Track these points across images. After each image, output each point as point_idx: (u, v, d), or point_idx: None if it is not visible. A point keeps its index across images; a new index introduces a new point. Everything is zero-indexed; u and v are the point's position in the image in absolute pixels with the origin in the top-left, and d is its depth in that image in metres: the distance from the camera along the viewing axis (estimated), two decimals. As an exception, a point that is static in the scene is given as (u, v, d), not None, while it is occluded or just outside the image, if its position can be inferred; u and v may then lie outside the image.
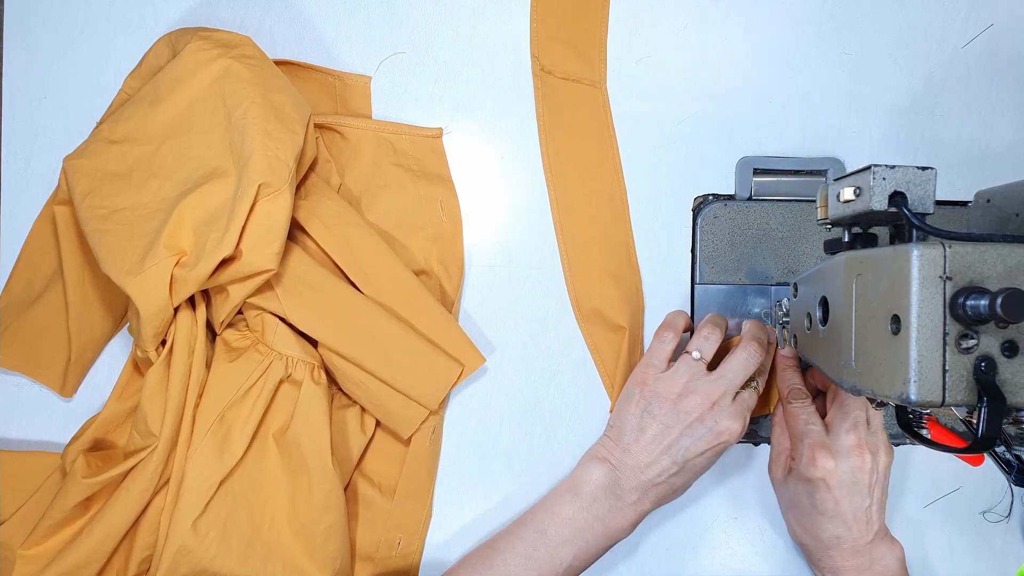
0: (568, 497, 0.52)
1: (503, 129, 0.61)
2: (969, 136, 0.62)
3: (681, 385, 0.52)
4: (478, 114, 0.61)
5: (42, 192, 0.59)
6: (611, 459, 0.53)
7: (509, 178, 0.61)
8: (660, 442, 0.51)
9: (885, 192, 0.41)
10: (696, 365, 0.53)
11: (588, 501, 0.52)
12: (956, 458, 0.61)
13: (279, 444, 0.54)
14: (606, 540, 0.52)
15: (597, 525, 0.51)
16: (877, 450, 0.52)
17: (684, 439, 0.51)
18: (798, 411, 0.53)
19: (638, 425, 0.52)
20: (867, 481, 0.51)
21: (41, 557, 0.53)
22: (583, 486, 0.52)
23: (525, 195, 0.61)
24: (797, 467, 0.52)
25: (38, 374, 0.58)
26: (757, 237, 0.60)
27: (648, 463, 0.51)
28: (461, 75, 0.61)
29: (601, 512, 0.51)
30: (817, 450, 0.51)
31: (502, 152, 0.61)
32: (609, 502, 0.51)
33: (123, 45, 0.60)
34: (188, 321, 0.53)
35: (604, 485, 0.52)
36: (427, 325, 0.57)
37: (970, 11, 0.62)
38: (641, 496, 0.51)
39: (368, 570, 0.58)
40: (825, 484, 0.50)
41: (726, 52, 0.62)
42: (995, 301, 0.36)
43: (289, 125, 0.53)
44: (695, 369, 0.53)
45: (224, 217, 0.51)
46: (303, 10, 0.61)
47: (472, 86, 0.61)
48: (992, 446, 0.38)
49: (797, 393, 0.54)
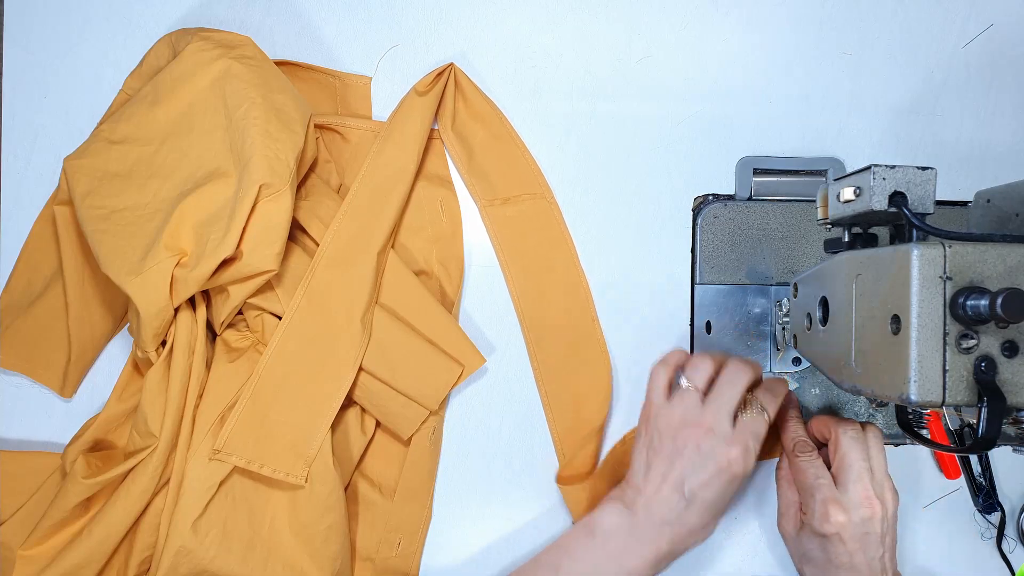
0: (583, 535, 0.52)
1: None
2: (969, 136, 0.62)
3: (678, 416, 0.51)
4: (478, 114, 0.61)
5: (42, 192, 0.59)
6: (624, 499, 0.52)
7: (509, 178, 0.61)
8: (665, 477, 0.50)
9: (885, 192, 0.42)
10: (688, 393, 0.52)
11: (602, 540, 0.51)
12: (953, 460, 0.61)
13: (279, 444, 0.54)
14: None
15: (611, 564, 0.50)
16: (884, 496, 0.50)
17: (686, 470, 0.50)
18: (806, 466, 0.52)
19: (646, 462, 0.52)
20: (879, 531, 0.50)
21: (41, 557, 0.53)
22: (597, 525, 0.51)
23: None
24: (810, 522, 0.51)
25: (38, 374, 0.58)
26: (757, 237, 0.60)
27: (657, 500, 0.50)
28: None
29: (615, 551, 0.50)
30: (829, 505, 0.49)
31: (502, 152, 0.61)
32: (623, 541, 0.50)
33: (123, 45, 0.60)
34: (188, 321, 0.53)
35: (618, 524, 0.51)
36: (427, 326, 0.57)
37: (970, 11, 0.62)
38: (656, 535, 0.50)
39: (368, 570, 0.58)
40: (839, 538, 0.49)
41: (726, 52, 0.62)
42: (995, 301, 0.36)
43: (290, 125, 0.53)
44: (687, 398, 0.52)
45: (225, 218, 0.51)
46: (303, 10, 0.61)
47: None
48: (992, 446, 0.38)
49: (803, 446, 0.53)
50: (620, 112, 0.61)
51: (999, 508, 0.61)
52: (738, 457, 0.50)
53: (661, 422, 0.52)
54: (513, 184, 0.60)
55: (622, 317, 0.61)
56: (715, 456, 0.50)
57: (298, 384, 0.54)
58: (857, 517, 0.49)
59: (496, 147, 0.60)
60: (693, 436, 0.50)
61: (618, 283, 0.61)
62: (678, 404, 0.52)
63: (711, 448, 0.50)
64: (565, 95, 0.61)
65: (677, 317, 0.61)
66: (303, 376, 0.54)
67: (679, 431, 0.51)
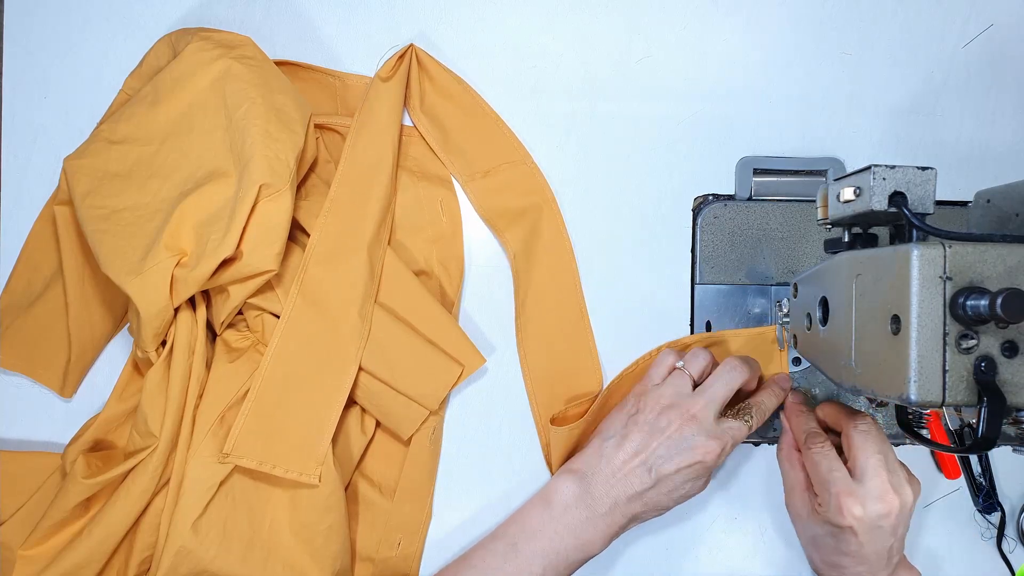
0: (539, 508, 0.52)
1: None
2: (969, 136, 0.62)
3: (668, 397, 0.52)
4: (478, 114, 0.61)
5: (42, 192, 0.59)
6: (585, 469, 0.52)
7: (509, 178, 0.61)
8: (639, 449, 0.51)
9: (885, 192, 0.41)
10: (683, 378, 0.53)
11: (559, 511, 0.51)
12: (953, 460, 0.61)
13: (279, 444, 0.54)
14: (578, 553, 0.51)
15: (568, 537, 0.51)
16: (901, 488, 0.49)
17: (661, 448, 0.51)
18: (819, 458, 0.51)
19: (622, 431, 0.52)
20: (893, 524, 0.49)
21: (41, 557, 0.53)
22: (554, 495, 0.52)
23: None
24: (825, 513, 0.50)
25: (38, 374, 0.58)
26: (757, 237, 0.60)
27: (624, 471, 0.51)
28: (460, 75, 0.61)
29: (572, 523, 0.51)
30: (844, 498, 0.49)
31: (502, 152, 0.61)
32: (580, 512, 0.51)
33: (123, 45, 0.60)
34: (188, 321, 0.53)
35: (576, 494, 0.51)
36: (427, 326, 0.57)
37: (970, 11, 0.62)
38: (612, 507, 0.51)
39: (368, 570, 0.58)
40: (852, 531, 0.49)
41: (726, 52, 0.62)
42: (995, 301, 0.36)
43: (290, 126, 0.53)
44: (680, 382, 0.53)
45: (225, 218, 0.51)
46: (303, 10, 0.61)
47: (471, 86, 0.61)
48: (992, 446, 0.38)
49: (815, 437, 0.52)
50: (620, 112, 0.61)
51: (999, 508, 0.61)
52: (714, 452, 0.50)
53: (650, 398, 0.53)
54: (491, 155, 0.60)
55: (622, 317, 0.61)
56: (693, 444, 0.50)
57: (301, 382, 0.54)
58: (873, 512, 0.48)
59: (468, 122, 0.60)
60: (677, 419, 0.51)
61: (618, 283, 0.61)
62: (670, 385, 0.53)
63: (691, 435, 0.50)
64: (565, 95, 0.61)
65: (677, 317, 0.61)
66: (306, 374, 0.54)
67: (665, 411, 0.52)
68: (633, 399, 0.54)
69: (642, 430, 0.51)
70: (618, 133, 0.61)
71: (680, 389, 0.53)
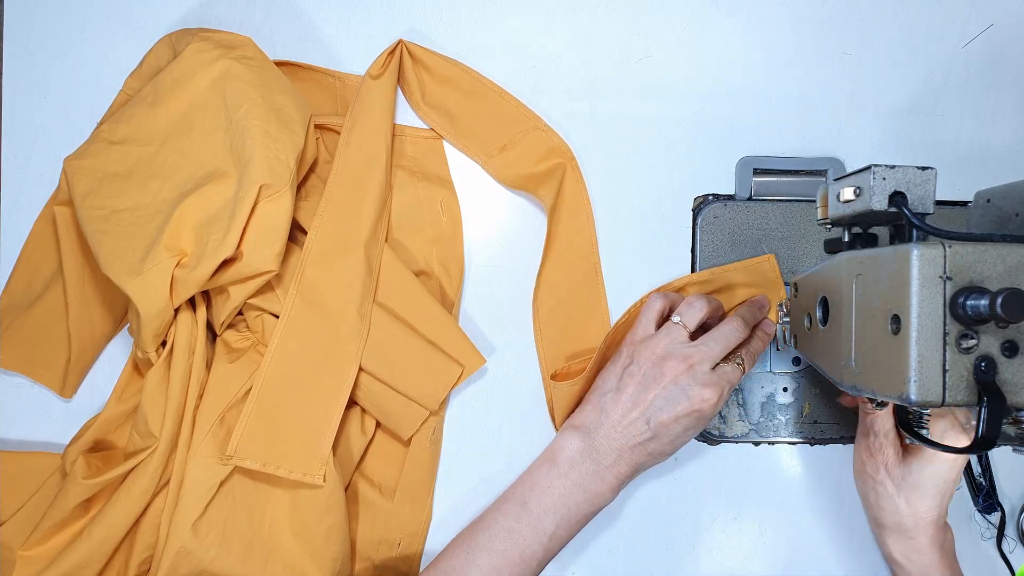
0: (546, 467, 0.52)
1: (503, 129, 0.61)
2: (969, 136, 0.62)
3: (662, 347, 0.52)
4: (478, 114, 0.61)
5: (42, 192, 0.59)
6: (587, 424, 0.53)
7: (509, 178, 0.61)
8: (636, 401, 0.51)
9: (885, 192, 0.42)
10: (677, 329, 0.53)
11: (566, 467, 0.52)
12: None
13: (279, 444, 0.54)
14: (588, 506, 0.52)
15: (577, 491, 0.51)
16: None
17: (658, 399, 0.51)
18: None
19: (617, 384, 0.53)
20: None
21: (41, 558, 0.53)
22: (560, 453, 0.52)
23: (525, 194, 0.61)
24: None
25: (38, 374, 0.58)
26: (757, 237, 0.60)
27: (624, 423, 0.51)
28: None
29: (579, 477, 0.51)
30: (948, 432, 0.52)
31: (502, 152, 0.61)
32: (586, 466, 0.52)
33: (123, 45, 0.60)
34: (188, 322, 0.53)
35: (580, 449, 0.52)
36: (427, 326, 0.57)
37: (970, 11, 0.62)
38: (617, 458, 0.51)
39: (368, 570, 0.58)
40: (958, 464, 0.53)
41: (726, 52, 0.62)
42: (995, 301, 0.36)
43: (290, 126, 0.53)
44: (676, 333, 0.53)
45: (225, 218, 0.51)
46: (303, 10, 0.61)
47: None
48: (992, 446, 0.38)
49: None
50: (620, 112, 0.61)
51: (999, 508, 0.61)
52: (711, 399, 0.51)
53: (644, 348, 0.53)
54: (502, 130, 0.60)
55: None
56: (689, 394, 0.50)
57: (302, 382, 0.54)
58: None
59: (473, 103, 0.60)
60: (673, 369, 0.51)
61: (618, 283, 0.61)
62: (664, 336, 0.53)
63: (688, 385, 0.51)
64: (565, 95, 0.61)
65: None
66: (306, 374, 0.54)
67: (661, 361, 0.52)
68: (626, 350, 0.54)
69: (637, 382, 0.52)
70: (618, 133, 0.61)
71: (675, 339, 0.52)
